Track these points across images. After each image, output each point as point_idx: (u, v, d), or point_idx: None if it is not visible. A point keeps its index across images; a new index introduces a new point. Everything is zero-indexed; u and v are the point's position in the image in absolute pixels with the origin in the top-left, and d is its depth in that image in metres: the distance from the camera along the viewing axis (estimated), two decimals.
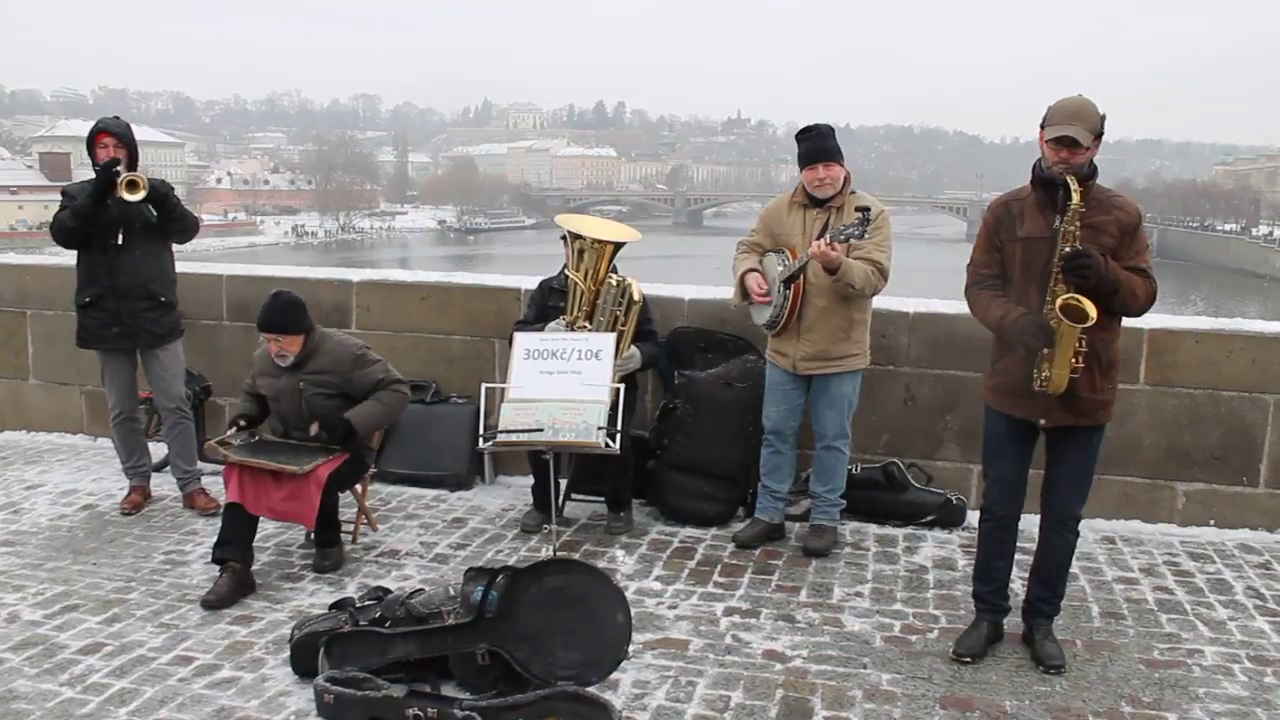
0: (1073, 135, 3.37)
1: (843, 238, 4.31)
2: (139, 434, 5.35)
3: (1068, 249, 3.36)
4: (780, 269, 4.58)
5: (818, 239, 4.38)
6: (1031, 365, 3.46)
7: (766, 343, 4.83)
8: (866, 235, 4.33)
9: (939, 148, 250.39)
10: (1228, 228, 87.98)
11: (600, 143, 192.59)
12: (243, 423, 4.54)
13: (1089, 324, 3.33)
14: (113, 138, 4.89)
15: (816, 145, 4.57)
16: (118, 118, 5.09)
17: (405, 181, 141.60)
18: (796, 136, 4.70)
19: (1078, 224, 3.37)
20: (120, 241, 4.92)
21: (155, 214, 4.94)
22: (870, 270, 4.47)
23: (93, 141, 4.91)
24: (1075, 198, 3.35)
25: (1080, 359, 3.40)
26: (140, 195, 4.76)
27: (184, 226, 5.07)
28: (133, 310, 4.99)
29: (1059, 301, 3.36)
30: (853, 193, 4.63)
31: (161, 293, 5.07)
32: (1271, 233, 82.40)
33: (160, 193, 4.92)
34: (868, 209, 4.33)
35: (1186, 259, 79.77)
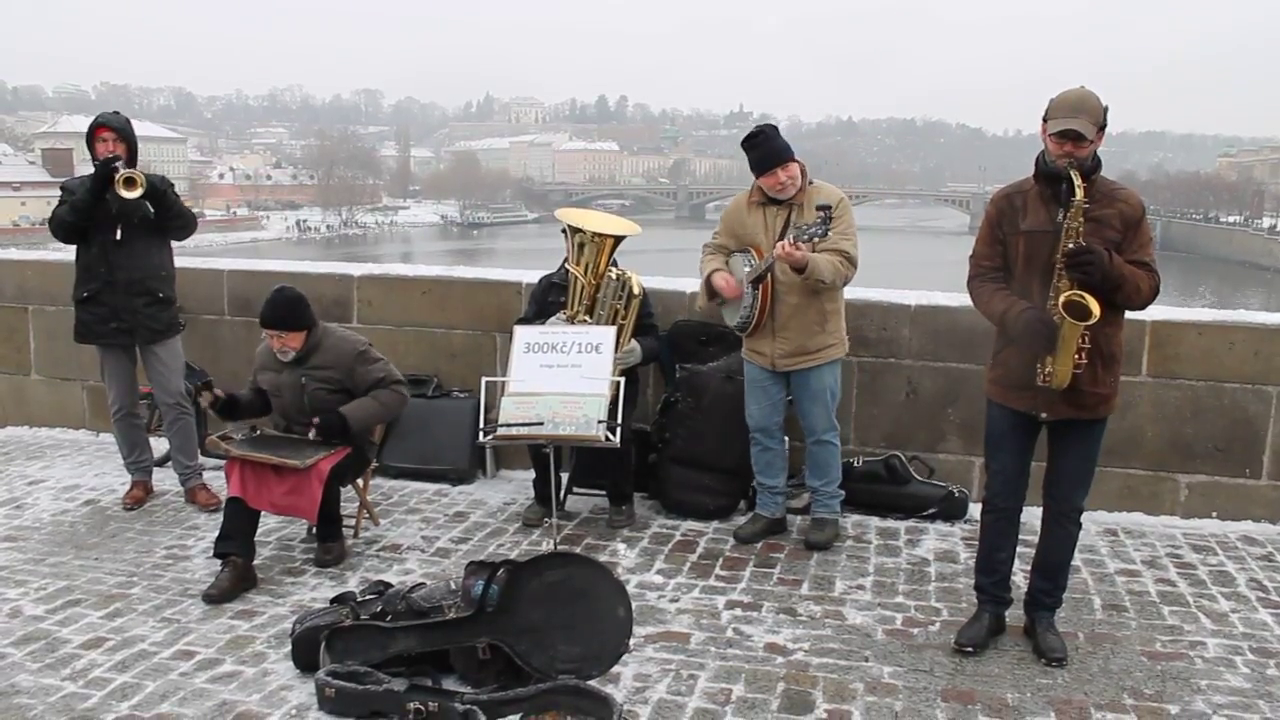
0: (1077, 129, 3.34)
1: (806, 237, 4.28)
2: (140, 429, 5.36)
3: (1070, 245, 3.35)
4: (747, 269, 4.56)
5: (781, 240, 4.37)
6: (1033, 358, 3.45)
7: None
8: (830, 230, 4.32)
9: (941, 140, 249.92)
10: (1231, 220, 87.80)
11: (602, 137, 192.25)
12: (220, 393, 4.50)
13: (1092, 321, 3.31)
14: (112, 132, 4.88)
15: (768, 151, 4.51)
16: (117, 113, 5.08)
17: (407, 176, 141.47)
18: (743, 145, 4.61)
19: (1081, 219, 3.35)
20: (119, 237, 4.92)
21: (153, 210, 4.94)
22: (839, 261, 4.45)
23: (92, 136, 4.91)
24: (1079, 193, 3.33)
25: (1083, 354, 3.39)
26: (138, 193, 4.75)
27: (182, 223, 5.06)
28: (131, 306, 4.99)
29: (1062, 298, 3.34)
30: (810, 183, 4.61)
31: (159, 288, 5.06)
32: (1275, 225, 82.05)
33: (159, 189, 4.91)
34: (829, 207, 4.30)
35: (1190, 251, 79.63)
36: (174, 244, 5.19)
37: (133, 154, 4.91)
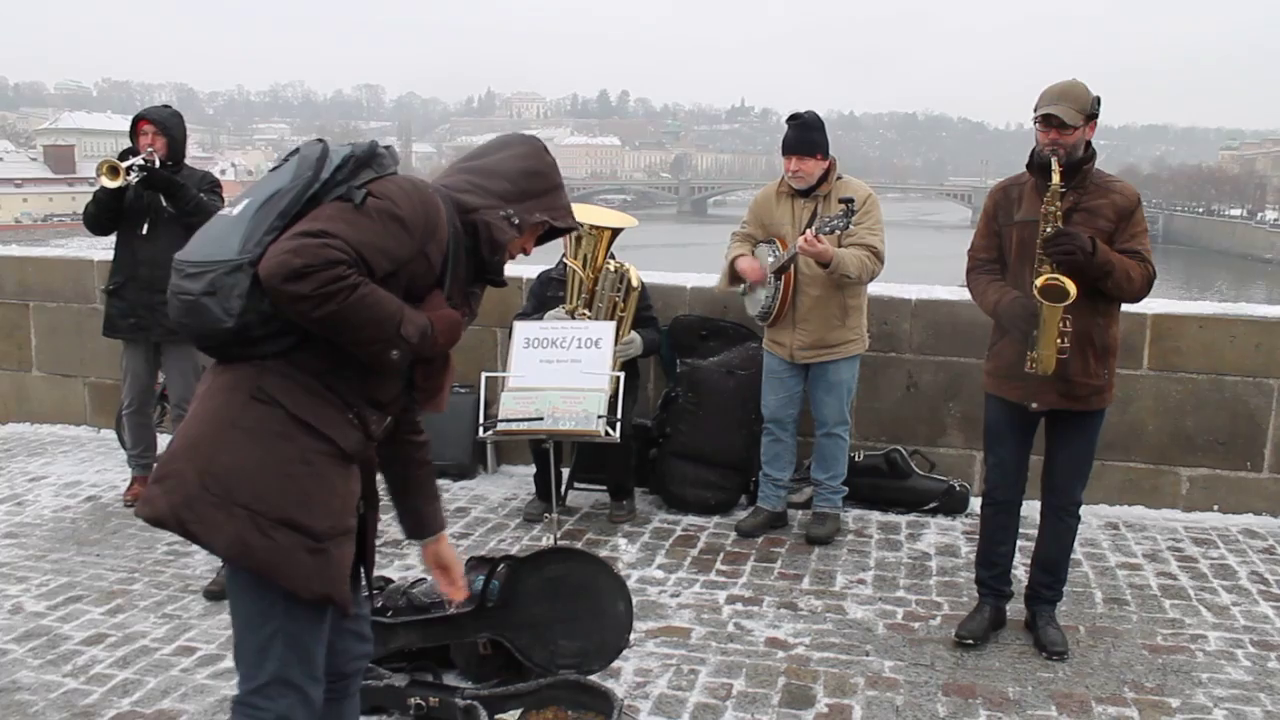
0: (1058, 113, 3.37)
1: (828, 230, 4.29)
2: (149, 428, 5.30)
3: (1049, 229, 3.36)
4: (771, 259, 4.57)
5: (804, 231, 4.37)
6: (1025, 348, 3.45)
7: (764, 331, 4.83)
8: (853, 224, 4.32)
9: (943, 134, 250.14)
10: (1234, 213, 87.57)
11: (604, 131, 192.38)
12: None
13: (1068, 302, 3.32)
14: (152, 125, 4.76)
15: (794, 137, 4.54)
16: (167, 105, 4.99)
17: (409, 172, 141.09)
18: (786, 121, 4.66)
19: (1058, 204, 3.36)
20: (144, 231, 4.87)
21: (167, 204, 4.86)
22: (865, 256, 4.45)
23: (134, 129, 4.85)
24: (1055, 178, 3.35)
25: (1066, 339, 3.38)
26: (118, 183, 4.62)
27: (202, 221, 4.98)
28: (149, 302, 4.91)
29: (1039, 282, 3.36)
30: (839, 178, 4.62)
31: None
32: (1278, 218, 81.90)
33: (171, 183, 4.78)
34: (851, 200, 4.32)
35: (1192, 245, 79.46)
36: None
37: (175, 148, 4.79)
